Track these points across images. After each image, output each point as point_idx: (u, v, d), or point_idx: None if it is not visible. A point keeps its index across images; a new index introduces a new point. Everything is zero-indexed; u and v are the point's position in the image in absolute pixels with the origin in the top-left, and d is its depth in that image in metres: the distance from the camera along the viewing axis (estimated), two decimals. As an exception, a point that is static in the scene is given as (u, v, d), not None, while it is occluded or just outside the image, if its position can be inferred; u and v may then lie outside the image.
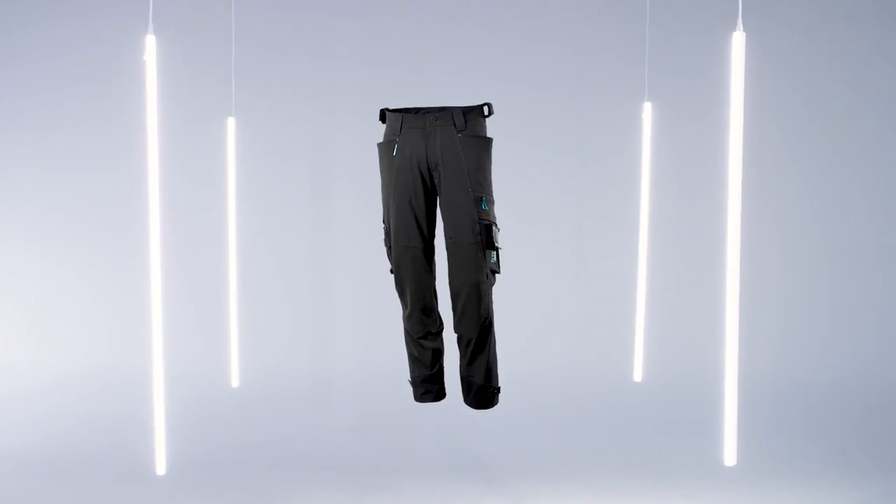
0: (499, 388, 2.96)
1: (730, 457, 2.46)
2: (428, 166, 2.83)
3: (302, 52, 5.04)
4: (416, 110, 2.85)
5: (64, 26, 5.03)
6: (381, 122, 2.95)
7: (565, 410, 4.53)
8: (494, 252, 2.81)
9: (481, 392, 2.93)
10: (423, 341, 3.01)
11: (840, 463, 3.93)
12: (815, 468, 3.88)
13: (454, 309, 2.87)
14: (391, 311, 3.22)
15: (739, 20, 2.28)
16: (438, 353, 3.04)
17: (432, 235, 2.94)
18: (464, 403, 2.98)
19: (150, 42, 2.53)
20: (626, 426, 4.35)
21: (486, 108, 2.85)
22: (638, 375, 3.81)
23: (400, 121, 2.86)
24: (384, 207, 2.93)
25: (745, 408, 2.53)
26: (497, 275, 2.85)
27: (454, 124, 2.80)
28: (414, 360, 3.05)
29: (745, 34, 2.29)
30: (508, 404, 3.18)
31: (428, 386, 3.05)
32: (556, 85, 5.01)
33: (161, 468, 2.73)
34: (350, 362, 4.98)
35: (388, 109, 2.91)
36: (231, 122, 3.68)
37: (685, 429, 4.28)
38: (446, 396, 3.08)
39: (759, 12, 2.90)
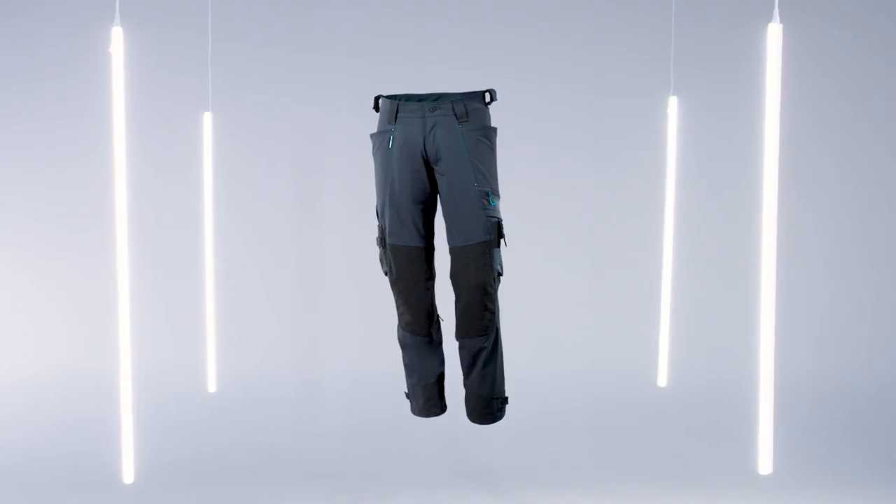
0: (506, 398, 2.76)
1: (765, 465, 2.33)
2: (426, 158, 2.61)
3: (283, 42, 4.87)
4: (414, 97, 2.64)
5: (29, 18, 4.88)
6: (374, 111, 2.73)
7: (582, 417, 4.26)
8: (499, 252, 2.62)
9: (488, 405, 2.71)
10: (421, 349, 2.79)
11: (887, 471, 3.71)
12: (858, 476, 3.66)
13: (458, 315, 2.64)
14: (381, 313, 3.12)
15: (776, 11, 2.18)
16: (440, 362, 2.81)
17: (432, 234, 2.71)
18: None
19: (117, 34, 2.45)
20: (651, 433, 4.12)
21: (488, 95, 2.63)
22: (662, 380, 3.64)
23: (395, 108, 2.62)
24: (378, 203, 2.70)
25: (780, 412, 2.38)
26: (501, 277, 2.65)
27: (454, 113, 2.58)
28: (411, 371, 2.82)
29: (781, 26, 2.20)
30: (518, 410, 3.02)
31: (429, 398, 2.81)
32: (574, 79, 4.86)
33: (129, 476, 2.58)
34: (337, 366, 4.71)
35: (382, 96, 2.70)
36: (208, 117, 3.60)
37: (715, 435, 4.06)
38: (447, 409, 2.87)
39: (797, 3, 2.79)
